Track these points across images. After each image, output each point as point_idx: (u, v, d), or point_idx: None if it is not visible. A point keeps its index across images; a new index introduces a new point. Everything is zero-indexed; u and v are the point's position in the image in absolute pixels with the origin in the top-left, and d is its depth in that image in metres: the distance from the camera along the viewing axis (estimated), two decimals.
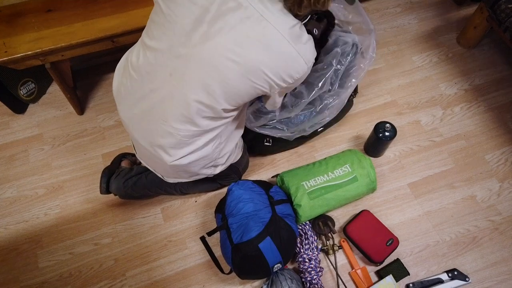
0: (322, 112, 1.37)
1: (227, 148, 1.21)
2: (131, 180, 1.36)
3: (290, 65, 0.95)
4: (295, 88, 1.34)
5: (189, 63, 0.95)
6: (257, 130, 1.34)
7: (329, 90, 1.36)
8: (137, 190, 1.37)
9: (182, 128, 1.03)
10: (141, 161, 1.27)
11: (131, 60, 1.07)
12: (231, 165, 1.32)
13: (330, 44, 1.38)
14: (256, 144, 1.50)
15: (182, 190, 1.40)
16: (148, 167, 1.26)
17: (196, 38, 0.93)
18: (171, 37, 0.96)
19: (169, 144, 1.07)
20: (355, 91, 1.58)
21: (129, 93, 1.08)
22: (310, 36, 0.98)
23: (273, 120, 1.32)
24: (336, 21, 1.44)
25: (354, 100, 1.67)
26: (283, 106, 1.32)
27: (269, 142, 1.47)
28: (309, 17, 1.34)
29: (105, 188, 1.38)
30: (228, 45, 0.91)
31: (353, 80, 1.38)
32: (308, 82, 1.33)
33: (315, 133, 1.56)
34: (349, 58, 1.37)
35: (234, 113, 1.09)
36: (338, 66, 1.36)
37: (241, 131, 1.27)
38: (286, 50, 0.93)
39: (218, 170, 1.25)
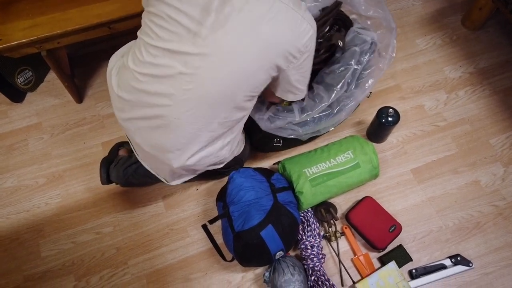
0: (339, 113, 1.32)
1: (235, 142, 1.19)
2: (131, 168, 1.34)
3: (300, 32, 0.97)
4: (313, 91, 1.29)
5: (203, 57, 0.93)
6: (271, 131, 1.30)
7: (346, 91, 1.30)
8: (137, 178, 1.35)
9: (201, 121, 1.01)
10: (144, 165, 1.23)
11: (129, 63, 1.02)
12: (235, 157, 1.30)
13: (347, 42, 1.31)
14: (265, 144, 1.47)
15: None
16: (151, 171, 1.22)
17: (207, 30, 0.91)
18: (178, 34, 0.93)
19: (179, 144, 1.04)
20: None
21: (131, 96, 1.03)
22: (305, 3, 1.05)
23: (291, 122, 1.27)
24: (354, 16, 1.39)
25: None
26: (303, 111, 1.26)
27: (280, 143, 1.44)
28: (328, 27, 1.31)
29: (106, 178, 1.36)
30: (240, 28, 0.91)
31: (371, 80, 1.31)
32: (327, 84, 1.27)
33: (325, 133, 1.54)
34: (367, 57, 1.30)
35: (252, 104, 1.08)
36: (356, 66, 1.29)
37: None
38: (293, 17, 0.95)
39: (221, 165, 1.23)
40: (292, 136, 1.32)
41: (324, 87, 1.28)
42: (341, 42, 1.27)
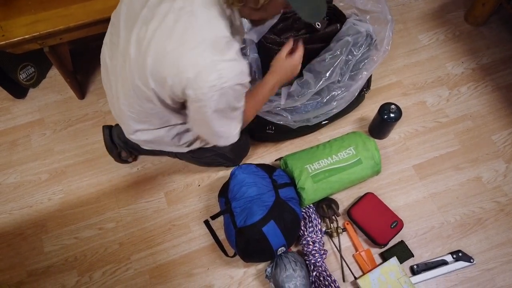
0: (329, 104, 1.32)
1: (187, 137, 1.21)
2: None
3: (198, 76, 0.84)
4: (302, 78, 1.29)
5: (130, 44, 0.94)
6: (260, 114, 1.31)
7: (338, 81, 1.31)
8: None
9: (127, 103, 1.05)
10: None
11: (105, 39, 1.12)
12: (213, 150, 1.30)
13: (342, 32, 1.32)
14: (258, 131, 1.47)
15: (177, 154, 1.38)
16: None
17: (139, 22, 0.92)
18: (124, 18, 0.97)
19: (125, 119, 1.12)
20: (368, 86, 1.53)
21: (103, 70, 1.15)
22: (239, 59, 0.88)
23: (278, 107, 1.29)
24: (351, 11, 1.39)
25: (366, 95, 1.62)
26: (289, 96, 1.28)
27: (272, 130, 1.44)
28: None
29: (109, 134, 1.40)
30: (153, 33, 0.88)
31: (364, 72, 1.32)
32: (316, 71, 1.28)
33: (319, 126, 1.53)
34: (362, 49, 1.31)
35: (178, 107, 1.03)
36: (349, 56, 1.30)
37: None
38: (202, 57, 0.83)
39: (185, 150, 1.25)
40: (281, 123, 1.33)
41: (314, 74, 1.29)
42: (319, 25, 1.27)
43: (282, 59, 1.13)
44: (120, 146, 1.42)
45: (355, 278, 1.29)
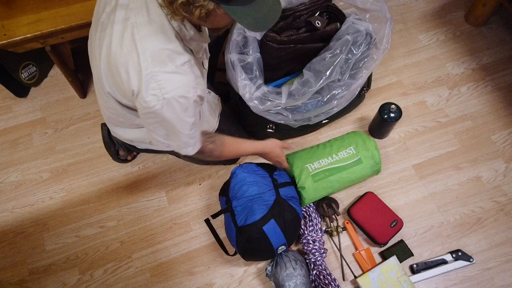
0: (330, 102, 1.33)
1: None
2: None
3: (140, 85, 0.85)
4: (303, 77, 1.30)
5: (95, 46, 0.97)
6: (261, 114, 1.32)
7: (339, 80, 1.32)
8: None
9: (102, 102, 1.08)
10: None
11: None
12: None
13: (341, 31, 1.33)
14: (258, 130, 1.48)
15: (174, 152, 1.36)
16: None
17: (99, 27, 0.94)
18: (94, 20, 0.99)
19: (105, 117, 1.16)
20: (368, 85, 1.54)
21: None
22: (183, 72, 0.88)
23: (279, 107, 1.29)
24: (351, 10, 1.40)
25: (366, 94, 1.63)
26: (290, 95, 1.29)
27: (272, 129, 1.45)
28: (318, 14, 1.31)
29: (107, 131, 1.41)
30: (104, 39, 0.90)
31: (364, 71, 1.33)
32: (316, 70, 1.29)
33: (319, 125, 1.54)
34: (361, 48, 1.31)
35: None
36: (349, 55, 1.31)
37: None
38: (142, 67, 0.84)
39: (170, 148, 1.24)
40: (282, 122, 1.33)
41: (314, 73, 1.29)
42: (319, 23, 1.28)
43: (279, 145, 1.27)
44: (118, 143, 1.44)
45: (355, 277, 1.30)
